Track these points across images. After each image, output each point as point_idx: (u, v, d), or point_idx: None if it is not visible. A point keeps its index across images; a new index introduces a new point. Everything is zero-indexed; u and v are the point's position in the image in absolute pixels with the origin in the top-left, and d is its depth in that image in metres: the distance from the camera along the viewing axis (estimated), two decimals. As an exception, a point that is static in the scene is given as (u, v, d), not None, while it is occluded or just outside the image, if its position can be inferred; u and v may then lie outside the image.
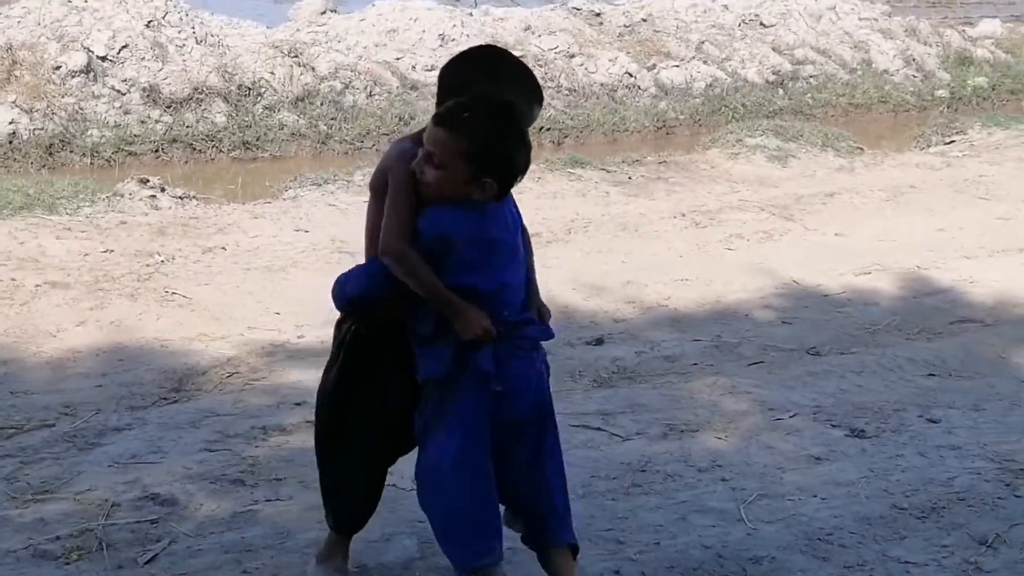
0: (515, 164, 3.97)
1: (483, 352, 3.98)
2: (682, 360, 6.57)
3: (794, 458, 5.44)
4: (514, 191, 8.04)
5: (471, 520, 4.07)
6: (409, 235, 3.91)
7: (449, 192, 3.90)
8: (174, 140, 10.96)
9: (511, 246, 4.12)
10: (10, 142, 10.34)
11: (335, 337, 4.27)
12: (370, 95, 12.20)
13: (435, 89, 4.16)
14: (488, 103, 3.98)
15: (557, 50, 13.62)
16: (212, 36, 12.18)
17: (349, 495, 4.31)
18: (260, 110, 11.55)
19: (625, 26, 14.79)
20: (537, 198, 9.28)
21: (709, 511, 4.94)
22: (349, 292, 4.16)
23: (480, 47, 4.57)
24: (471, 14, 14.18)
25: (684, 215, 9.17)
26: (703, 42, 14.80)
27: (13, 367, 6.06)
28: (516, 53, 12.93)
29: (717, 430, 5.68)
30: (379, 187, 4.08)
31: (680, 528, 4.81)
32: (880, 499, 4.98)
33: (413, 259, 3.92)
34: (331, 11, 14.70)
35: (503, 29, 13.75)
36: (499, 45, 4.74)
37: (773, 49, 15.23)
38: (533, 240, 4.14)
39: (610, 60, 13.76)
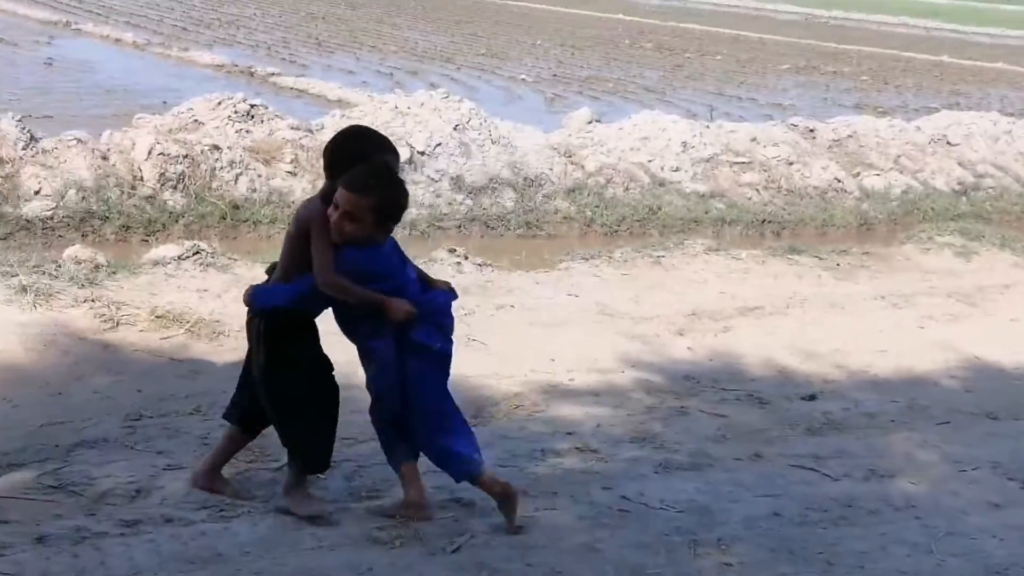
0: (404, 210, 4.61)
1: (416, 330, 4.60)
2: (881, 416, 6.45)
3: (976, 504, 5.31)
4: (742, 270, 7.99)
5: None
6: (332, 268, 4.45)
7: (363, 237, 4.46)
8: (473, 219, 11.14)
9: (400, 260, 4.67)
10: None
11: (249, 332, 4.74)
12: (626, 189, 12.23)
13: (676, 185, 4.46)
14: (384, 169, 4.56)
15: (778, 158, 13.48)
16: (504, 138, 12.36)
17: (320, 443, 4.76)
18: (540, 198, 11.67)
19: (834, 140, 14.57)
20: (761, 278, 9.20)
21: (905, 543, 4.85)
22: (276, 302, 4.62)
23: (355, 126, 5.32)
24: (708, 127, 14.13)
25: (883, 297, 8.98)
26: (899, 156, 14.50)
27: (353, 391, 6.20)
28: (744, 160, 13.05)
29: (911, 476, 5.57)
30: (297, 233, 4.56)
31: (881, 556, 4.74)
32: (1051, 543, 4.82)
33: (344, 284, 4.49)
34: (596, 121, 14.80)
35: (733, 139, 13.66)
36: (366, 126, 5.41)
37: (958, 163, 14.83)
38: (756, 312, 4.34)
39: (822, 168, 13.56)
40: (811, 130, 14.68)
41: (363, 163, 4.54)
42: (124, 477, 4.90)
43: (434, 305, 4.77)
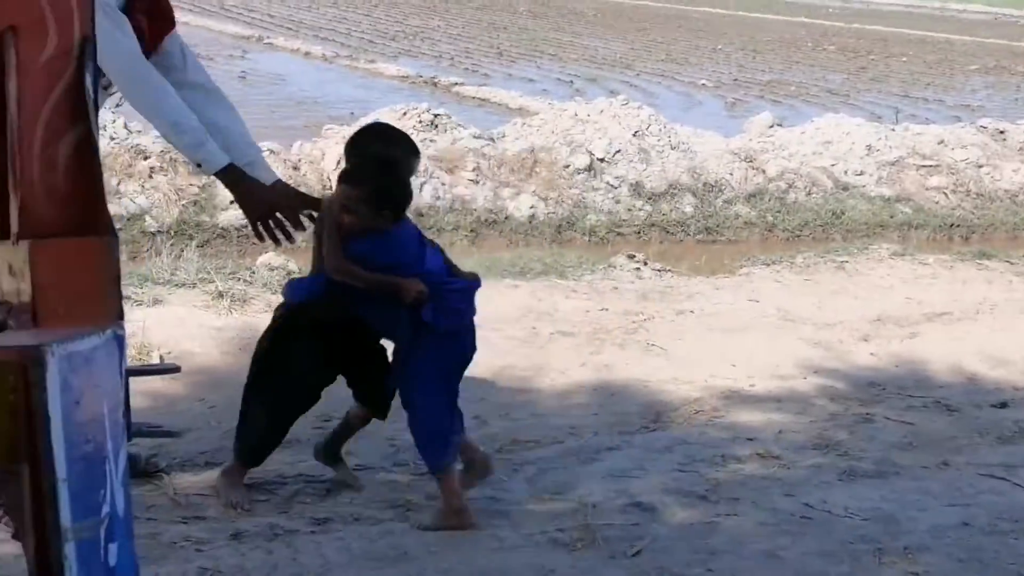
0: (397, 198, 4.53)
1: (424, 309, 4.55)
2: (1077, 426, 6.22)
3: None
4: (930, 275, 7.80)
5: (446, 435, 4.70)
6: (342, 255, 4.48)
7: (364, 227, 4.48)
8: (652, 225, 11.14)
9: (416, 250, 4.66)
10: (530, 222, 10.74)
11: (273, 317, 4.92)
12: (808, 193, 12.07)
13: (860, 189, 4.41)
14: (375, 160, 4.60)
15: (967, 160, 13.12)
16: (683, 144, 12.33)
17: (263, 434, 4.81)
18: (720, 203, 11.60)
19: (1025, 142, 14.13)
20: (949, 283, 8.96)
21: (1103, 555, 4.67)
22: (296, 297, 4.77)
23: (374, 123, 5.76)
24: (893, 129, 13.83)
25: (1081, 302, 8.67)
26: (1096, 160, 13.98)
27: (533, 395, 6.28)
28: (931, 163, 12.72)
29: (1110, 489, 5.35)
30: (317, 231, 4.62)
31: (1076, 567, 4.57)
32: None
33: (352, 268, 4.51)
34: (777, 125, 14.63)
35: (920, 142, 13.36)
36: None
37: None
38: (944, 318, 4.21)
39: (1013, 170, 13.16)
40: (1001, 132, 14.25)
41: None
42: (316, 475, 5.03)
43: (450, 288, 4.70)
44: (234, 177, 4.44)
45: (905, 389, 6.66)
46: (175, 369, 2.18)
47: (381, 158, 4.63)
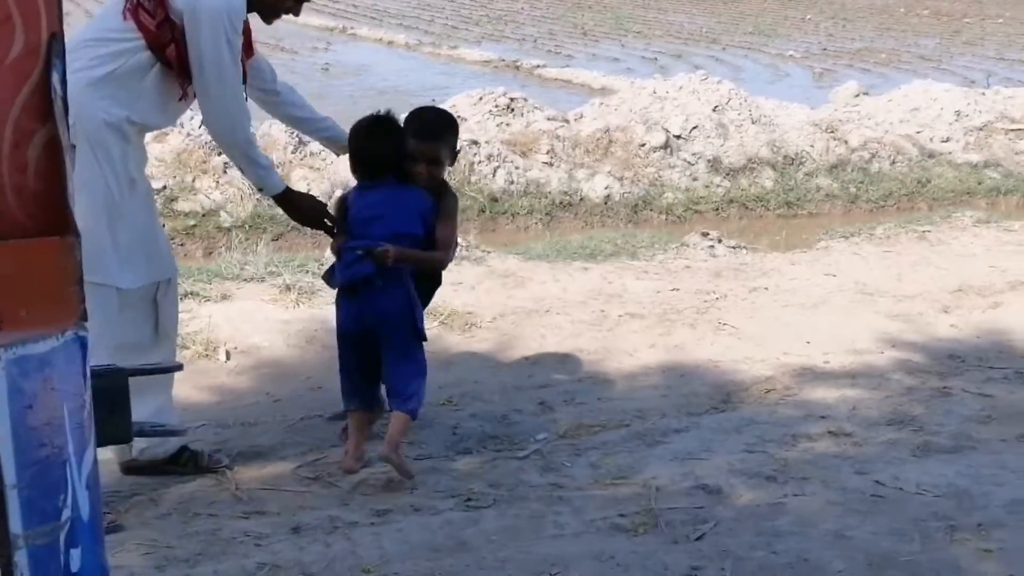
0: (360, 157, 4.99)
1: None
2: None
3: None
4: (1016, 242, 7.61)
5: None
6: None
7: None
8: (731, 201, 10.99)
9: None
10: (605, 203, 10.65)
11: None
12: (893, 162, 11.82)
13: (947, 156, 4.28)
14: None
15: (1060, 123, 12.79)
16: (765, 117, 12.14)
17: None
18: (801, 176, 11.41)
19: None
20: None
21: None
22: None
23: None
24: (983, 93, 13.49)
25: None
26: None
27: (600, 378, 6.23)
28: (1020, 126, 12.33)
29: None
30: None
31: None
32: None
33: None
34: (864, 94, 14.37)
35: (1011, 105, 13.02)
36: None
37: None
38: None
39: (1109, 131, 12.80)
40: (1099, 92, 13.84)
41: None
42: (377, 468, 5.04)
43: (347, 245, 4.91)
44: (287, 196, 5.04)
45: (986, 360, 6.49)
46: (178, 367, 2.17)
47: (362, 123, 5.03)
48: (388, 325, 4.90)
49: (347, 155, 5.11)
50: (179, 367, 2.43)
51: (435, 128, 5.14)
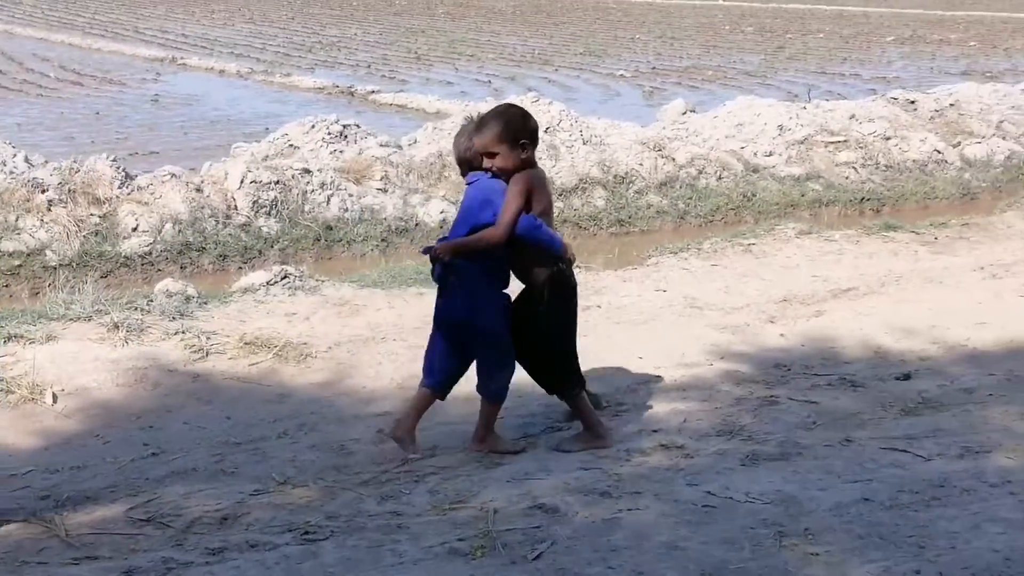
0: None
1: None
2: (979, 391, 6.24)
3: (1076, 474, 5.12)
4: (836, 251, 7.87)
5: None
6: None
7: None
8: (564, 221, 11.08)
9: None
10: (441, 227, 10.61)
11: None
12: (719, 178, 12.09)
13: (770, 170, 4.47)
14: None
15: (875, 134, 13.21)
16: (596, 137, 12.30)
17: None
18: (632, 194, 11.59)
19: (936, 110, 14.24)
20: (855, 258, 9.02)
21: (999, 520, 4.67)
22: None
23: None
24: (805, 107, 13.90)
25: (983, 268, 8.73)
26: (1002, 121, 14.12)
27: (439, 404, 6.21)
28: (840, 139, 12.78)
29: (1008, 451, 5.37)
30: None
31: (973, 535, 4.57)
32: None
33: None
34: (691, 111, 14.68)
35: (831, 118, 13.44)
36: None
37: (1066, 123, 14.43)
38: (850, 293, 4.29)
39: (920, 140, 13.28)
40: (912, 102, 14.38)
41: None
42: (212, 505, 4.96)
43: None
44: None
45: (811, 368, 6.68)
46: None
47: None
48: (457, 328, 5.44)
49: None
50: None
51: (482, 121, 5.31)
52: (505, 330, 5.43)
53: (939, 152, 13.15)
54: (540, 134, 5.60)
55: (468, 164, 5.36)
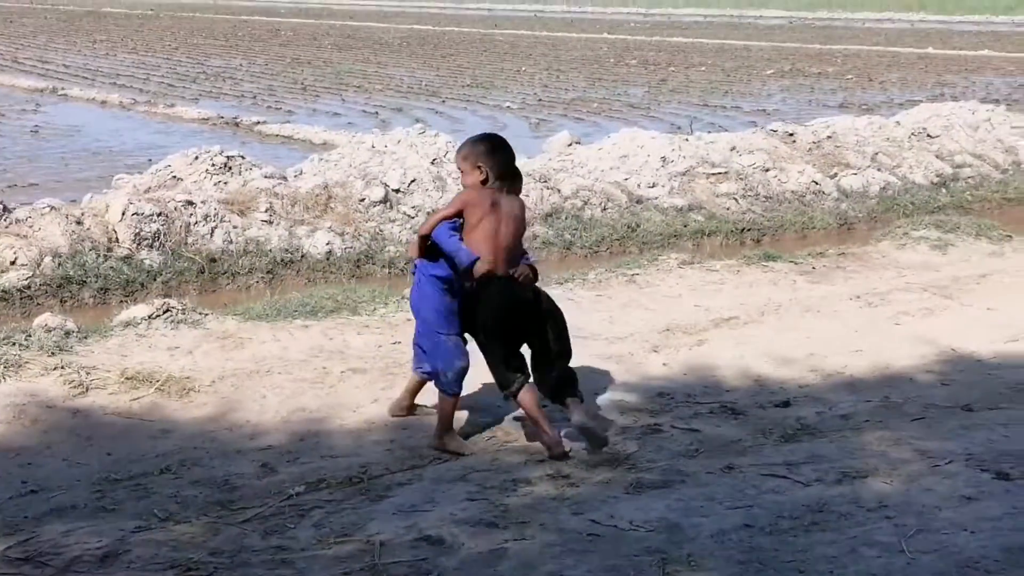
0: None
1: None
2: (855, 417, 6.40)
3: (949, 498, 5.24)
4: (717, 281, 8.01)
5: None
6: None
7: None
8: (452, 252, 11.11)
9: None
10: (327, 258, 10.61)
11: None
12: (604, 209, 12.21)
13: (654, 201, 4.70)
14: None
15: (754, 165, 13.48)
16: (481, 168, 12.33)
17: None
18: (519, 225, 11.65)
19: (814, 142, 14.57)
20: (735, 288, 9.18)
21: (875, 544, 4.79)
22: None
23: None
24: (687, 139, 14.12)
25: (859, 297, 8.94)
26: (877, 153, 14.49)
27: (323, 436, 6.20)
28: (720, 170, 13.02)
29: (884, 476, 5.51)
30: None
31: (851, 559, 4.68)
32: (1022, 532, 4.76)
33: None
34: (576, 143, 14.82)
35: (712, 150, 13.67)
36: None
37: (937, 156, 14.83)
38: (731, 322, 4.63)
39: (799, 172, 13.56)
40: (791, 134, 14.67)
41: None
42: (92, 543, 4.87)
43: None
44: None
45: (693, 396, 6.78)
46: None
47: None
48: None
49: None
50: None
51: (462, 144, 6.19)
52: (444, 325, 6.02)
53: (817, 183, 13.45)
54: (427, 166, 5.94)
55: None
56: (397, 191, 11.55)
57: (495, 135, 6.39)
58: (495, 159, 6.03)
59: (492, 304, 5.94)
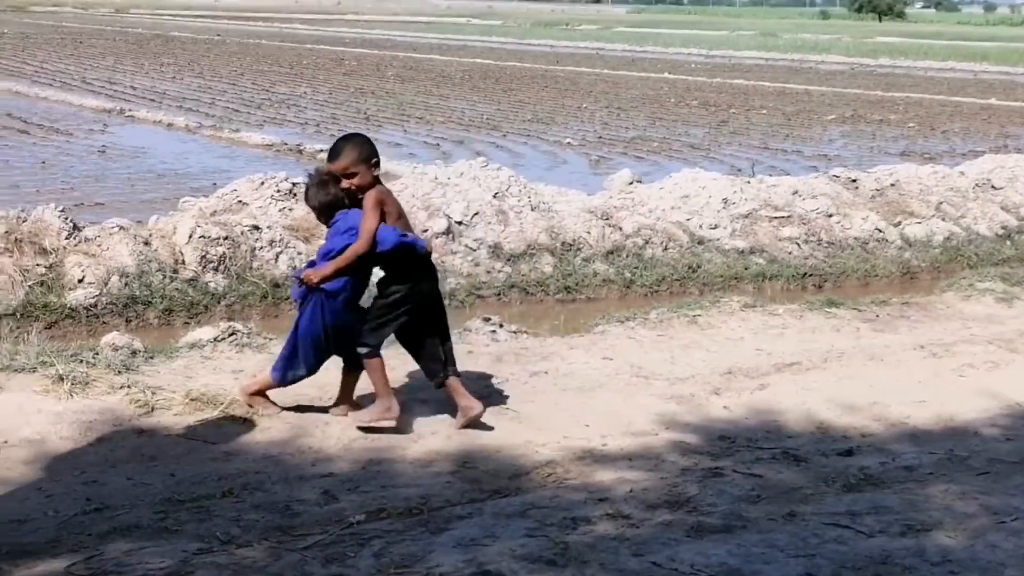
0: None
1: None
2: (919, 469, 6.32)
3: (1014, 555, 5.17)
4: (780, 326, 7.95)
5: None
6: None
7: None
8: (512, 286, 11.13)
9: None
10: (386, 287, 10.62)
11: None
12: (665, 248, 12.19)
13: (715, 243, 4.67)
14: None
15: (817, 210, 13.40)
16: (544, 203, 12.37)
17: None
18: (579, 262, 11.65)
19: (877, 189, 14.45)
20: (798, 333, 9.11)
21: (939, 599, 4.74)
22: None
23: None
24: (749, 182, 14.06)
25: (923, 347, 8.84)
26: (942, 203, 14.36)
27: (384, 465, 6.21)
28: (783, 214, 12.94)
29: (948, 530, 5.43)
30: None
31: (915, 613, 4.63)
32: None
33: None
34: (637, 181, 14.78)
35: (775, 193, 13.60)
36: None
37: (1002, 208, 14.67)
38: (794, 368, 4.57)
39: (862, 218, 13.46)
40: (853, 180, 14.57)
41: None
42: (156, 563, 4.90)
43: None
44: None
45: (755, 441, 6.73)
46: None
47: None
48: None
49: None
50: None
51: (336, 148, 6.24)
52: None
53: (880, 231, 13.35)
54: (489, 199, 6.06)
55: (332, 208, 6.29)
56: (460, 223, 11.58)
57: (350, 133, 6.74)
58: (374, 151, 6.35)
59: (424, 283, 6.55)
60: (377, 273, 6.62)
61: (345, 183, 6.24)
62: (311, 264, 6.49)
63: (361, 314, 6.53)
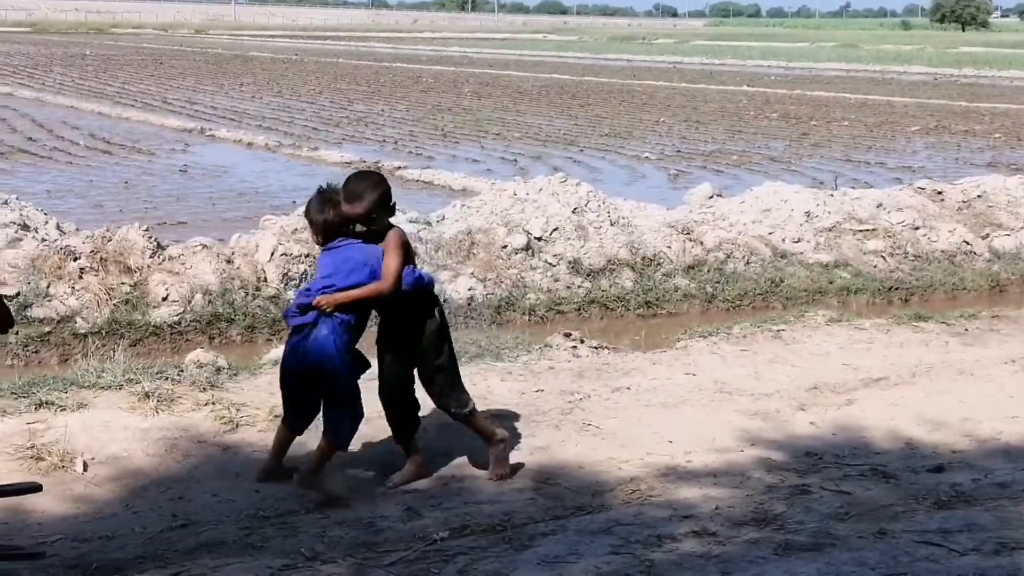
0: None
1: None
2: (1013, 487, 6.18)
3: (1112, 574, 5.05)
4: (866, 340, 7.81)
5: None
6: None
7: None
8: (592, 301, 11.11)
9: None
10: (469, 304, 10.67)
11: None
12: (747, 263, 12.10)
13: (799, 256, 4.52)
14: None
15: (903, 223, 13.23)
16: (623, 219, 12.34)
17: None
18: (659, 276, 11.61)
19: (963, 201, 14.25)
20: (885, 347, 8.99)
21: (1035, 618, 4.64)
22: None
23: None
24: (832, 195, 13.92)
25: (1014, 361, 8.68)
26: (1031, 214, 14.13)
27: (467, 482, 6.22)
28: (868, 227, 12.79)
29: (1044, 548, 5.32)
30: None
31: (1010, 633, 4.53)
32: None
33: None
34: (717, 195, 14.69)
35: (858, 206, 13.45)
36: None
37: (1096, 218, 14.39)
38: (881, 383, 4.33)
39: (949, 231, 13.28)
40: (939, 192, 14.37)
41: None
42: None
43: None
44: None
45: (842, 457, 6.64)
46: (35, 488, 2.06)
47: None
48: (308, 374, 6.01)
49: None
50: (37, 487, 2.37)
51: (355, 192, 5.84)
52: (353, 379, 6.02)
53: (967, 243, 13.15)
54: (568, 214, 5.92)
55: (336, 229, 5.95)
56: (539, 239, 11.59)
57: (365, 171, 6.46)
58: (390, 191, 5.99)
59: (445, 324, 6.29)
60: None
61: (360, 227, 5.91)
62: (306, 292, 5.97)
63: (358, 356, 6.11)
